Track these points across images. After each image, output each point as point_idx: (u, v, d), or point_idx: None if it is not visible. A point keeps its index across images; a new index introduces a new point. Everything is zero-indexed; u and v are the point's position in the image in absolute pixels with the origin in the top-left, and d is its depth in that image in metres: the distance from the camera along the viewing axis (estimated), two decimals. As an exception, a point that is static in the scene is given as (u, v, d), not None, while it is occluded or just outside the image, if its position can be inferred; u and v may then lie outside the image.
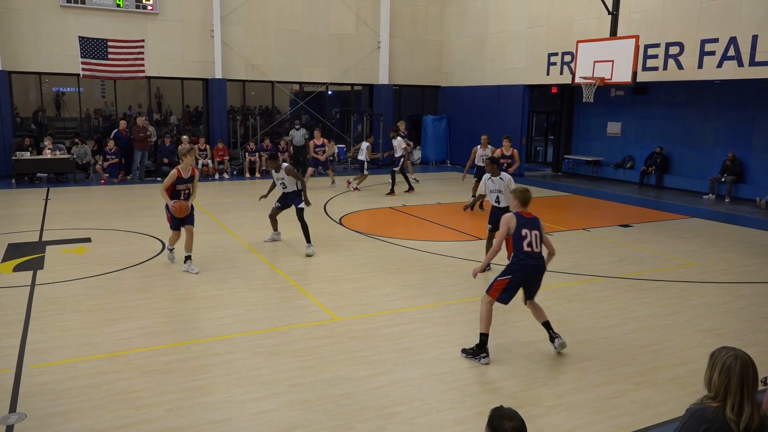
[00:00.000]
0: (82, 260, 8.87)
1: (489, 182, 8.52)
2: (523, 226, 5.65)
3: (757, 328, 6.69)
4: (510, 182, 8.30)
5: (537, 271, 5.72)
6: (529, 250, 5.63)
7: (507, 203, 8.29)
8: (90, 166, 17.11)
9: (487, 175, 8.58)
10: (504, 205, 8.37)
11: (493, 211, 8.59)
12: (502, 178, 8.41)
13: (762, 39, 12.31)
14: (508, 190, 8.17)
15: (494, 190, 8.47)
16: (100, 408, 4.67)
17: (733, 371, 2.60)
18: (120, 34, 17.18)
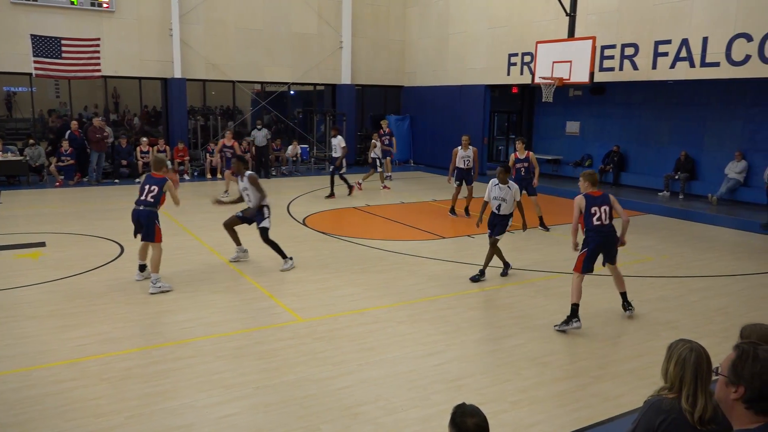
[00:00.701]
0: (37, 265, 8.61)
1: (495, 188, 8.16)
2: (593, 205, 6.59)
3: (709, 320, 6.92)
4: (516, 193, 8.08)
5: (607, 239, 6.67)
6: (599, 224, 6.58)
7: (508, 212, 8.16)
8: (44, 168, 16.60)
9: (494, 181, 8.21)
10: (505, 213, 8.16)
11: (491, 218, 8.25)
12: (509, 186, 8.09)
13: (712, 41, 12.74)
14: (513, 200, 8.07)
15: (498, 197, 8.12)
16: (58, 417, 4.54)
17: (687, 363, 2.67)
18: (74, 32, 16.71)
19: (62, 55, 16.21)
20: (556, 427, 4.57)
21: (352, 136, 21.11)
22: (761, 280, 8.59)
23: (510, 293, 7.76)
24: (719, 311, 7.21)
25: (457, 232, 11.26)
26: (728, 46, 12.46)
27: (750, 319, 6.37)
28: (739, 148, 14.42)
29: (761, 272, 8.98)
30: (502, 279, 8.37)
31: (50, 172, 16.29)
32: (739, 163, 14.18)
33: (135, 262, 8.78)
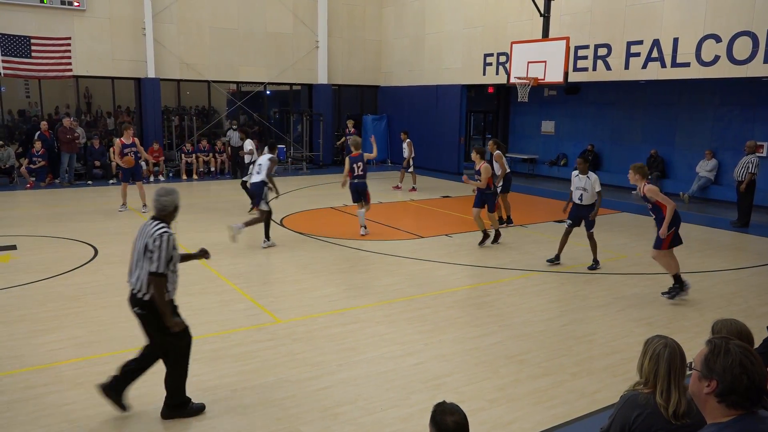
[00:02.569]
0: (7, 269, 8.42)
1: (576, 179, 8.76)
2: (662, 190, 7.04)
3: (682, 316, 7.05)
4: (596, 183, 8.59)
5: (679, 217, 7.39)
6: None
7: (590, 201, 8.62)
8: (14, 169, 16.25)
9: (575, 172, 8.81)
10: (587, 203, 8.64)
11: (573, 208, 8.82)
12: (589, 176, 8.60)
13: (682, 41, 12.99)
14: (593, 189, 8.55)
15: (579, 187, 8.68)
16: (29, 423, 4.45)
17: (661, 358, 2.72)
18: (44, 31, 16.39)
19: (32, 54, 15.90)
20: (534, 424, 4.62)
21: (329, 136, 21.07)
22: (731, 276, 8.78)
23: (487, 292, 7.82)
24: (691, 307, 7.35)
25: (435, 232, 11.30)
26: (698, 46, 12.72)
27: (721, 314, 6.53)
28: (709, 147, 14.73)
29: (731, 268, 9.18)
30: (476, 278, 8.42)
31: (21, 173, 15.94)
32: (709, 161, 14.47)
33: (108, 264, 8.66)
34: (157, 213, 4.47)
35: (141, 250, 4.34)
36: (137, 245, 4.40)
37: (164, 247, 4.28)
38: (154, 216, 4.48)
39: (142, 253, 4.32)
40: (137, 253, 4.38)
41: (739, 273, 8.95)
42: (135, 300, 4.40)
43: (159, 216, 4.46)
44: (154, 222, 4.41)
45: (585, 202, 8.70)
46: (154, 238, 4.28)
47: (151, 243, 4.27)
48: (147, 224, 4.44)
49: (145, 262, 4.30)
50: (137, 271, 4.36)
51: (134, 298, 4.40)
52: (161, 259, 4.26)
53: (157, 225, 4.37)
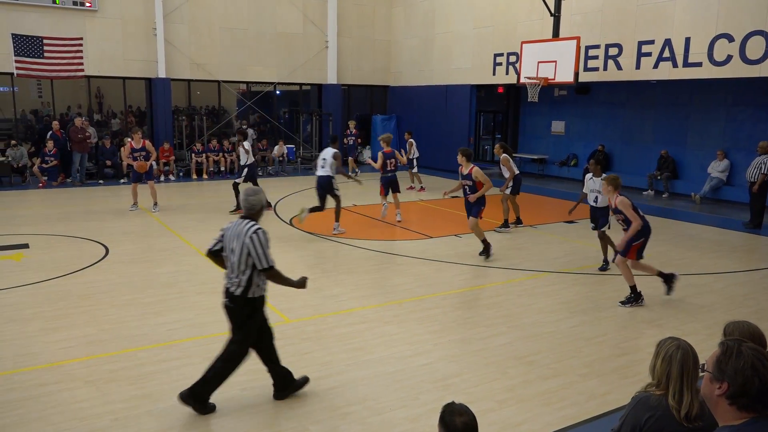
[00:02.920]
0: (20, 267, 8.50)
1: (590, 182, 8.85)
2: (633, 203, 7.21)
3: (693, 317, 7.00)
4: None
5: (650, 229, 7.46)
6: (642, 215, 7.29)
7: (604, 204, 8.64)
8: (27, 169, 16.39)
9: (589, 175, 8.90)
10: (603, 205, 8.67)
11: (591, 211, 8.92)
12: (603, 179, 8.37)
13: (694, 41, 12.89)
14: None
15: (594, 189, 8.77)
16: (40, 421, 4.48)
17: (674, 360, 2.70)
18: (56, 32, 16.52)
19: (44, 54, 16.02)
20: (544, 425, 4.60)
21: (338, 136, 21.06)
22: (743, 277, 8.70)
23: (497, 292, 7.79)
24: (702, 309, 7.29)
25: (444, 232, 11.28)
26: (710, 46, 12.61)
27: (733, 316, 6.47)
28: (721, 147, 14.59)
29: (743, 270, 9.10)
30: (485, 279, 8.40)
31: (33, 173, 16.08)
32: (721, 162, 14.35)
33: (119, 263, 8.72)
34: (246, 212, 4.64)
35: (238, 250, 4.50)
36: (232, 245, 4.56)
37: (259, 245, 4.47)
38: (244, 215, 4.65)
39: (240, 253, 4.49)
40: (234, 253, 4.54)
41: (751, 275, 8.87)
42: (227, 293, 4.64)
43: (248, 215, 4.63)
44: (245, 221, 4.58)
45: (600, 204, 8.69)
46: (250, 237, 4.46)
47: (249, 243, 4.46)
48: (238, 224, 4.59)
49: (246, 260, 4.48)
50: (236, 269, 4.54)
51: (227, 292, 4.64)
52: (264, 255, 4.47)
53: (249, 224, 4.55)
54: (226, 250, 4.64)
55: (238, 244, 4.50)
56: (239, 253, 4.49)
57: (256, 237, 4.46)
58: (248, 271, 4.51)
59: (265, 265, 4.48)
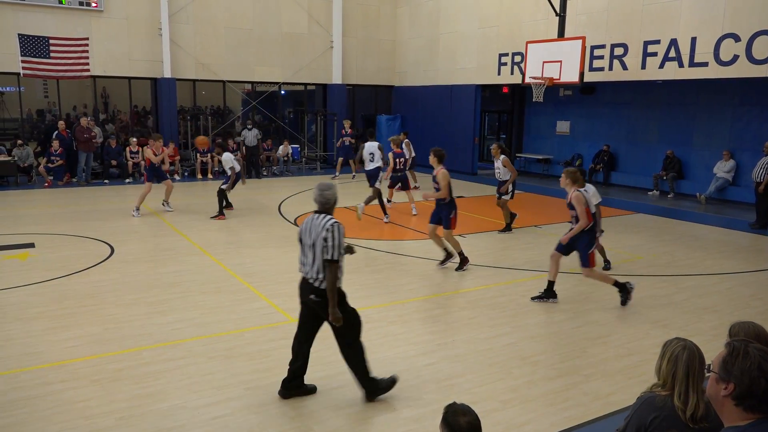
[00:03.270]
0: (25, 266, 8.53)
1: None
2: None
3: (698, 318, 6.97)
4: (595, 195, 8.09)
5: None
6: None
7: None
8: (32, 168, 16.46)
9: None
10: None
11: None
12: (587, 189, 7.98)
13: (700, 41, 12.84)
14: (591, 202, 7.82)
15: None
16: (46, 420, 4.50)
17: (679, 360, 2.69)
18: (62, 32, 16.58)
19: (50, 54, 16.08)
20: (547, 426, 4.59)
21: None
22: (749, 278, 8.66)
23: (501, 292, 7.78)
24: (708, 309, 7.26)
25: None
26: (716, 46, 12.56)
27: (739, 317, 6.44)
28: (727, 148, 14.53)
29: (749, 270, 9.06)
30: (490, 279, 8.38)
31: (39, 172, 16.15)
32: (727, 162, 14.29)
33: (124, 263, 8.74)
34: (320, 207, 4.73)
35: (316, 243, 4.58)
36: (308, 239, 4.65)
37: (337, 236, 4.54)
38: (318, 210, 4.73)
39: (318, 245, 4.57)
40: (310, 246, 4.63)
41: (757, 275, 8.83)
42: (311, 288, 4.67)
43: (323, 209, 4.72)
44: (322, 216, 4.67)
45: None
46: (327, 228, 4.54)
47: (326, 234, 4.53)
48: (313, 218, 4.68)
49: (321, 251, 4.55)
50: (315, 262, 4.61)
51: (310, 287, 4.67)
52: (336, 248, 4.53)
53: (326, 217, 4.64)
54: (304, 247, 4.72)
55: (316, 239, 4.60)
56: (318, 247, 4.59)
57: (334, 229, 4.56)
58: (319, 262, 4.61)
59: (334, 257, 4.54)
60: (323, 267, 4.56)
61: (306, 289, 4.73)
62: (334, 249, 4.52)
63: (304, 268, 4.73)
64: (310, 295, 4.68)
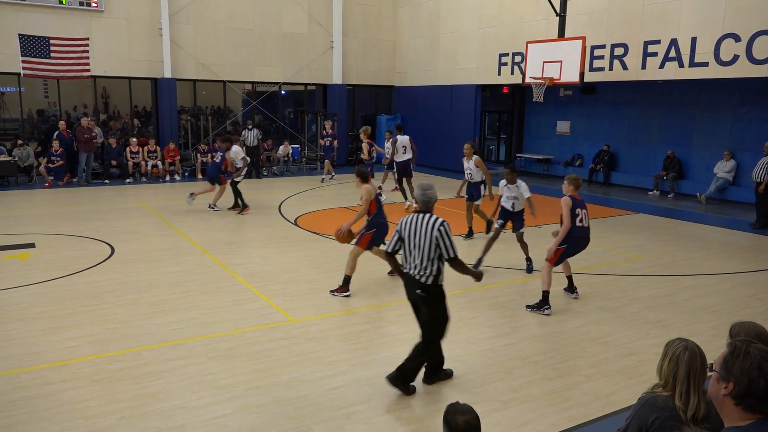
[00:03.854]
0: (26, 266, 8.53)
1: (505, 189, 8.72)
2: (577, 207, 6.98)
3: (698, 318, 6.97)
4: (525, 190, 8.60)
5: (585, 242, 7.15)
6: (581, 225, 7.01)
7: (521, 208, 8.69)
8: (33, 168, 16.47)
9: (503, 182, 8.72)
10: (519, 209, 8.69)
11: (505, 214, 8.78)
12: (518, 185, 8.60)
13: (701, 41, 12.84)
14: (522, 197, 8.57)
15: (510, 197, 8.68)
16: (46, 420, 4.50)
17: (681, 361, 2.69)
18: (63, 32, 16.59)
19: (51, 54, 16.08)
20: (548, 426, 4.59)
21: (343, 136, 21.09)
22: (750, 278, 8.66)
23: (501, 293, 7.78)
24: (708, 309, 7.26)
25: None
26: (716, 46, 12.56)
27: (739, 317, 6.44)
28: (727, 148, 14.53)
29: (750, 270, 9.06)
30: (490, 279, 8.38)
31: (39, 172, 16.15)
32: (727, 162, 14.29)
33: (125, 263, 8.75)
34: (423, 206, 4.95)
35: (426, 243, 4.79)
36: (415, 238, 4.84)
37: (448, 236, 4.81)
38: (420, 209, 4.94)
39: (429, 245, 4.78)
40: (419, 246, 4.82)
41: (757, 275, 8.83)
42: (418, 284, 4.88)
43: (425, 208, 4.95)
44: (427, 215, 4.87)
45: (516, 209, 8.73)
46: (439, 229, 4.77)
47: (438, 235, 4.76)
48: (417, 219, 4.86)
49: (435, 251, 4.79)
50: (422, 260, 4.82)
51: (417, 282, 4.88)
52: (451, 246, 4.81)
53: (433, 218, 4.85)
54: (407, 246, 4.91)
55: (425, 238, 4.79)
56: (427, 245, 4.78)
57: (443, 229, 4.78)
58: (436, 261, 4.84)
59: (452, 254, 4.81)
60: (435, 264, 4.82)
61: (412, 285, 4.93)
62: (450, 247, 4.79)
63: (409, 265, 4.92)
64: (417, 290, 4.89)
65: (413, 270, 4.90)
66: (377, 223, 7.58)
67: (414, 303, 5.10)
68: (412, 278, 4.93)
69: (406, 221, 4.94)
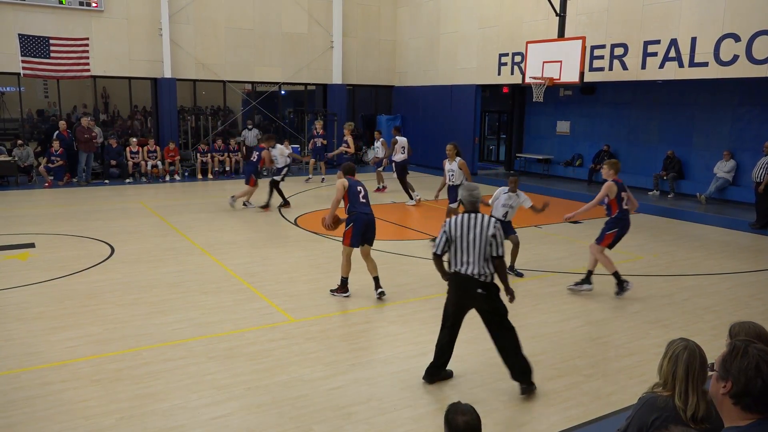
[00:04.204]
0: (26, 266, 8.53)
1: (503, 197, 8.39)
2: (622, 191, 7.39)
3: (698, 318, 6.97)
4: (526, 200, 8.42)
5: (629, 225, 7.63)
6: (626, 209, 7.47)
7: (512, 217, 8.50)
8: (33, 168, 16.47)
9: (503, 189, 8.48)
10: (509, 219, 8.45)
11: None
12: (518, 194, 8.41)
13: (700, 41, 12.84)
14: (522, 205, 8.43)
15: (506, 205, 8.39)
16: (46, 419, 4.50)
17: (680, 360, 2.69)
18: (62, 32, 16.58)
19: (51, 54, 16.07)
20: (548, 426, 4.59)
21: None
22: (749, 278, 8.66)
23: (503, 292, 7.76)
24: (708, 309, 7.26)
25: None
26: (716, 46, 12.56)
27: (739, 317, 6.45)
28: (727, 148, 14.53)
29: (749, 270, 9.06)
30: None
31: (39, 172, 16.15)
32: (727, 162, 14.29)
33: (125, 263, 8.74)
34: (471, 207, 5.01)
35: (482, 242, 4.85)
36: (469, 239, 4.86)
37: (501, 234, 4.93)
38: (468, 210, 5.00)
39: (485, 244, 4.84)
40: (474, 245, 4.85)
41: (757, 275, 8.83)
42: (478, 283, 4.90)
43: (473, 209, 5.01)
44: (477, 215, 4.94)
45: (508, 218, 8.46)
46: (494, 227, 4.89)
47: (493, 234, 4.87)
48: (469, 218, 4.91)
49: (488, 250, 4.86)
50: (480, 259, 4.87)
51: (476, 282, 4.90)
52: (502, 244, 4.92)
53: (485, 217, 4.94)
54: (458, 246, 4.90)
55: (480, 237, 4.85)
56: (483, 244, 4.84)
57: (498, 228, 4.90)
58: (490, 260, 4.90)
59: (501, 253, 4.90)
60: (490, 262, 4.89)
61: (471, 285, 4.91)
62: (500, 246, 4.89)
63: (466, 266, 4.90)
64: (478, 290, 4.90)
65: (470, 270, 4.88)
66: (354, 217, 7.29)
67: (461, 306, 5.06)
68: (468, 278, 4.89)
69: (455, 222, 4.94)
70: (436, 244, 5.06)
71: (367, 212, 7.33)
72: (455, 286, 5.03)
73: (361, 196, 7.34)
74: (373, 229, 7.41)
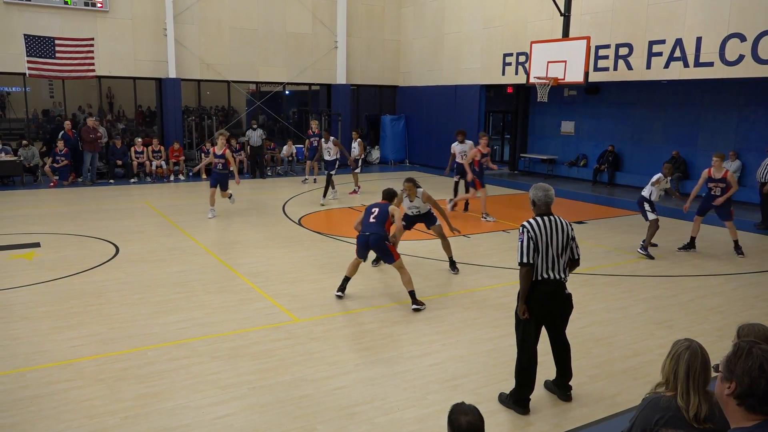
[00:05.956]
0: (31, 266, 8.57)
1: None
2: None
3: (703, 318, 6.94)
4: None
5: None
6: None
7: None
8: (38, 168, 16.53)
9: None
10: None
11: None
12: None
13: (706, 41, 12.79)
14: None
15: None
16: (52, 418, 4.52)
17: (681, 359, 2.69)
18: (68, 32, 16.65)
19: (56, 55, 16.14)
20: (552, 427, 4.58)
21: (347, 136, 21.09)
22: (754, 279, 8.63)
23: (505, 293, 7.77)
24: (713, 310, 7.24)
25: (453, 232, 11.25)
26: (722, 46, 12.52)
27: (744, 318, 6.42)
28: (733, 148, 14.49)
29: (755, 271, 9.03)
30: (494, 279, 8.38)
31: (45, 172, 16.21)
32: (733, 162, 14.23)
33: (129, 262, 8.77)
34: (546, 208, 4.79)
35: (565, 244, 4.73)
36: (554, 241, 4.68)
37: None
38: (543, 212, 4.77)
39: (566, 246, 4.74)
40: (558, 247, 4.70)
41: (762, 276, 8.79)
42: (563, 285, 4.77)
43: (548, 210, 4.80)
44: (555, 217, 4.77)
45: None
46: (572, 228, 4.80)
47: (573, 236, 4.78)
48: (549, 222, 4.71)
49: (568, 252, 4.76)
50: (564, 263, 4.76)
51: (563, 284, 4.77)
52: (578, 246, 4.86)
53: (561, 219, 4.78)
54: (543, 252, 4.66)
55: (563, 240, 4.71)
56: (565, 246, 4.72)
57: (573, 230, 4.82)
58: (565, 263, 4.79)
59: (579, 256, 4.85)
60: (566, 266, 4.78)
61: (559, 290, 4.74)
62: (578, 248, 4.84)
63: (550, 272, 4.67)
64: (565, 292, 4.82)
65: (557, 275, 4.68)
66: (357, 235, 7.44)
67: (545, 315, 4.80)
68: (556, 283, 4.68)
69: (538, 227, 4.64)
70: (523, 252, 4.60)
71: (366, 232, 7.27)
72: (543, 294, 4.67)
73: (372, 216, 7.41)
74: (373, 247, 7.26)
